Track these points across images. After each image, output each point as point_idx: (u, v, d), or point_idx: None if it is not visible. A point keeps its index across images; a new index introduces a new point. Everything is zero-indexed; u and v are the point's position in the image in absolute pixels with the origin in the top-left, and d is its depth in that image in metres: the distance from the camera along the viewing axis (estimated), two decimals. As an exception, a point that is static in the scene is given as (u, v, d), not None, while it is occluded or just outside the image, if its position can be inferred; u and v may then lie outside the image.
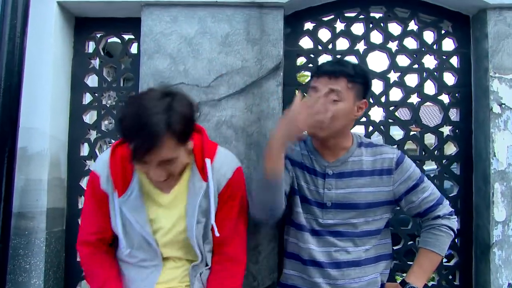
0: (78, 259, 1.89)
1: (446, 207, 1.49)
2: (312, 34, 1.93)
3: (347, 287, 1.44)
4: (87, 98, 1.97)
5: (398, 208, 1.57)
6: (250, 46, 1.79)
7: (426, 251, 1.47)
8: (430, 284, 1.87)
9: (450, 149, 1.95)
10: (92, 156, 1.93)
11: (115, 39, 2.00)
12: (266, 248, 1.72)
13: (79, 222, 1.90)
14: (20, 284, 1.73)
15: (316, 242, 1.46)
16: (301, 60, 1.95)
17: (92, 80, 2.02)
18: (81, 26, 1.95)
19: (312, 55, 1.92)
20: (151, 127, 1.11)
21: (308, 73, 1.90)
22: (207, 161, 1.32)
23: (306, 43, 1.93)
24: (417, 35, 1.91)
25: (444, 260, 1.87)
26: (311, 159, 1.50)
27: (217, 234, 1.33)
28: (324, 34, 1.92)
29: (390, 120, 1.90)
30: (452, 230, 1.47)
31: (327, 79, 1.39)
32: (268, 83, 1.77)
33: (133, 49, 1.99)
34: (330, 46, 1.92)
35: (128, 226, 1.32)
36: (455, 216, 1.49)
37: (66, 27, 1.89)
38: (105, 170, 1.33)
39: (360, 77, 1.41)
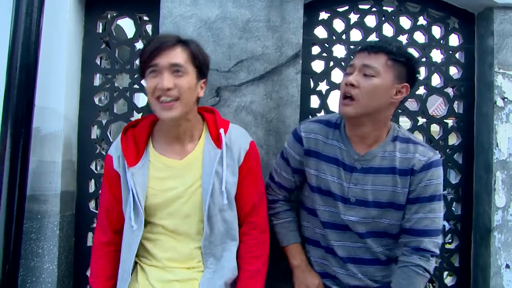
0: (88, 244, 1.85)
1: (434, 244, 1.36)
2: (327, 24, 1.96)
3: (367, 282, 1.46)
4: (97, 79, 1.92)
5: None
6: (270, 33, 1.80)
7: None
8: (432, 266, 1.99)
9: (453, 139, 2.06)
10: (104, 139, 1.88)
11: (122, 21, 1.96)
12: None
13: (89, 206, 1.87)
14: (33, 269, 1.68)
15: (337, 236, 1.45)
16: (315, 49, 1.99)
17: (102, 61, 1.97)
18: (92, 5, 1.89)
19: (326, 45, 1.96)
20: (165, 37, 1.31)
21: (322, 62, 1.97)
22: (221, 130, 1.36)
23: (320, 32, 1.97)
24: (426, 30, 2.00)
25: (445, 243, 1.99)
26: (341, 149, 1.43)
27: (224, 202, 1.33)
28: (338, 25, 1.97)
29: (399, 111, 1.97)
30: (428, 272, 1.35)
31: (366, 54, 1.33)
32: (288, 70, 1.80)
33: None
34: (344, 37, 1.97)
35: (136, 200, 1.32)
36: (435, 258, 1.39)
37: (78, 6, 1.82)
38: (117, 151, 1.36)
39: (402, 57, 1.31)
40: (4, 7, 1.63)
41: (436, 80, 2.01)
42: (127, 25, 2.58)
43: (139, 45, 1.93)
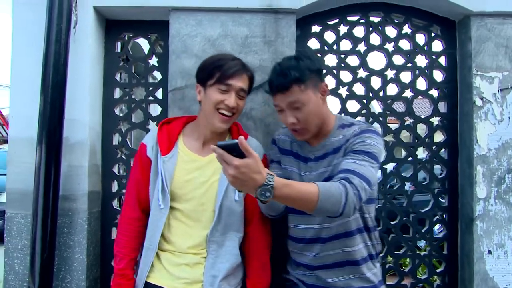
0: (112, 237, 2.11)
1: (358, 182, 1.31)
2: (319, 36, 2.17)
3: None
4: (117, 93, 2.19)
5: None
6: (266, 47, 2.03)
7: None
8: (422, 253, 2.17)
9: (439, 137, 2.23)
10: (124, 145, 2.15)
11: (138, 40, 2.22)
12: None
13: (112, 204, 2.13)
14: (66, 259, 1.95)
15: (301, 220, 1.61)
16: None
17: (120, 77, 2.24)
18: (111, 27, 2.16)
19: (319, 55, 2.17)
20: (239, 60, 1.60)
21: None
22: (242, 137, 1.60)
23: (313, 44, 2.18)
24: (411, 37, 2.18)
25: (434, 233, 2.17)
26: (300, 146, 1.65)
27: (236, 197, 1.57)
28: (329, 36, 2.18)
29: (387, 112, 2.17)
30: (346, 191, 1.27)
31: (281, 95, 1.47)
32: (283, 79, 2.02)
33: (158, 49, 2.21)
34: (334, 47, 2.17)
35: (164, 184, 1.56)
36: (358, 192, 1.30)
37: (99, 28, 2.09)
38: (152, 141, 1.64)
39: (306, 72, 1.44)
40: (37, 35, 1.91)
41: (421, 83, 2.20)
42: (144, 43, 2.85)
43: (153, 61, 2.19)
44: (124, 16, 2.12)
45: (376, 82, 2.18)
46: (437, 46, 2.20)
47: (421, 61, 2.19)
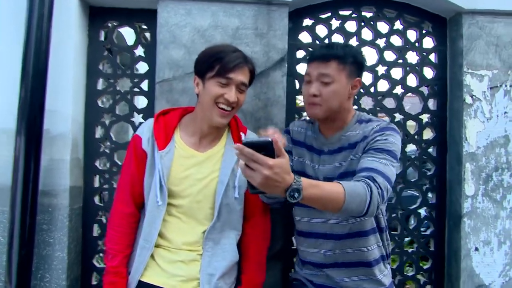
0: (94, 234, 2.03)
1: (382, 181, 1.29)
2: (311, 30, 2.14)
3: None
4: (101, 83, 2.09)
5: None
6: (258, 39, 1.98)
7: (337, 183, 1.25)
8: (409, 250, 2.17)
9: (427, 134, 2.23)
10: (107, 138, 2.06)
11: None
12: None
13: (94, 200, 2.05)
14: (45, 257, 1.86)
15: (310, 213, 1.57)
16: (300, 53, 2.15)
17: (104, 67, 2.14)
18: (95, 15, 2.05)
19: (310, 49, 2.13)
20: (241, 52, 1.52)
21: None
22: (242, 134, 1.59)
23: (305, 37, 2.15)
24: (402, 34, 2.17)
25: (422, 229, 2.18)
26: (314, 138, 1.63)
27: (236, 195, 1.53)
28: (321, 30, 2.14)
29: (378, 108, 2.15)
30: (371, 190, 1.24)
31: (318, 63, 1.48)
32: (275, 73, 1.97)
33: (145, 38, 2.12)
34: (326, 41, 2.14)
35: (161, 179, 1.49)
36: (382, 191, 1.28)
37: (83, 16, 1.99)
38: (147, 133, 1.55)
39: (350, 57, 1.48)
40: (17, 21, 1.79)
41: (412, 80, 2.20)
42: (127, 33, 2.75)
43: (139, 51, 2.10)
44: (109, 3, 2.02)
45: (367, 78, 2.15)
46: (428, 43, 2.20)
47: (412, 57, 2.18)
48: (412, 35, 2.19)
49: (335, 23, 2.15)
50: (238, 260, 1.58)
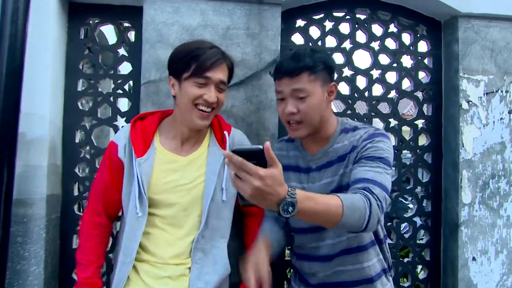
0: (73, 247, 1.89)
1: (379, 191, 1.20)
2: (304, 31, 2.06)
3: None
4: (81, 84, 1.96)
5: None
6: (249, 40, 1.88)
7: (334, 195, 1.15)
8: (405, 260, 2.10)
9: (422, 140, 2.18)
10: (88, 143, 1.92)
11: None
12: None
13: (73, 209, 1.91)
14: (19, 272, 1.71)
15: (308, 238, 1.47)
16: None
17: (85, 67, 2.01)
18: (75, 11, 1.92)
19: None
20: (218, 48, 1.41)
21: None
22: (226, 133, 1.49)
23: (297, 39, 2.06)
24: (397, 37, 2.11)
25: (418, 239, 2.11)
26: (298, 157, 1.50)
27: (224, 198, 1.43)
28: (314, 32, 2.06)
29: (372, 113, 2.08)
30: (369, 203, 1.15)
31: (288, 79, 1.36)
32: (267, 75, 1.88)
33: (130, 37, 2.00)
34: (319, 43, 2.06)
35: (141, 189, 1.37)
36: (380, 203, 1.18)
37: (62, 11, 1.86)
38: (123, 140, 1.43)
39: (320, 64, 1.36)
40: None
41: (406, 84, 2.13)
42: (109, 32, 2.62)
43: (122, 51, 1.98)
44: (90, -1, 1.90)
45: (361, 82, 2.09)
46: (423, 46, 2.15)
47: (406, 61, 2.13)
48: (406, 38, 2.14)
49: (328, 25, 2.08)
50: (230, 272, 1.48)
